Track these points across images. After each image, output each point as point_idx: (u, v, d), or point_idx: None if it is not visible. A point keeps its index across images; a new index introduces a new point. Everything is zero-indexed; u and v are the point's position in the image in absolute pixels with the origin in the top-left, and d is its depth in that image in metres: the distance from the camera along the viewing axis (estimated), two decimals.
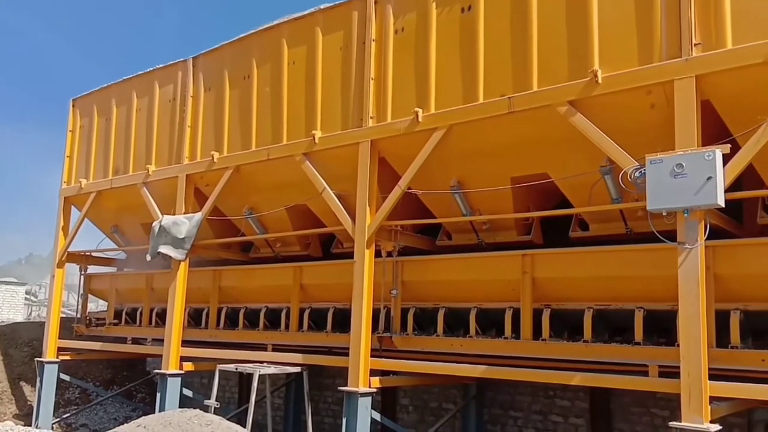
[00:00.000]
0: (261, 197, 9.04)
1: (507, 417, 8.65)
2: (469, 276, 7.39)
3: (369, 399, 7.06)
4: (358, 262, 7.23)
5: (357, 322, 7.13)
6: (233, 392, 12.15)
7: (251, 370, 8.00)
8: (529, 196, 7.11)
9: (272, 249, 9.80)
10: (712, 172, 4.88)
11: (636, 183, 5.36)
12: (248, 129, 8.66)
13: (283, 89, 8.27)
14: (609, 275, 6.38)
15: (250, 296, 9.74)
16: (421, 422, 9.44)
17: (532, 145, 6.46)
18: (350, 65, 7.59)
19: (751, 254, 5.65)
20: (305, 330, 8.89)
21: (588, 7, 5.80)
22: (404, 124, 6.96)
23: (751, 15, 5.03)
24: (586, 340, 6.47)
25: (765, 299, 5.64)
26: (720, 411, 5.23)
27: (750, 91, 5.12)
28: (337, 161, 7.66)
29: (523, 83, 6.15)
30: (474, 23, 6.54)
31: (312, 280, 8.93)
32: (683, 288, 5.06)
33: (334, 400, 10.47)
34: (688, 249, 5.05)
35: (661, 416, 7.37)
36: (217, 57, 9.33)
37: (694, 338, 4.98)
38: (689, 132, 5.10)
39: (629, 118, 5.66)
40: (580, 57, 5.81)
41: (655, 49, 5.42)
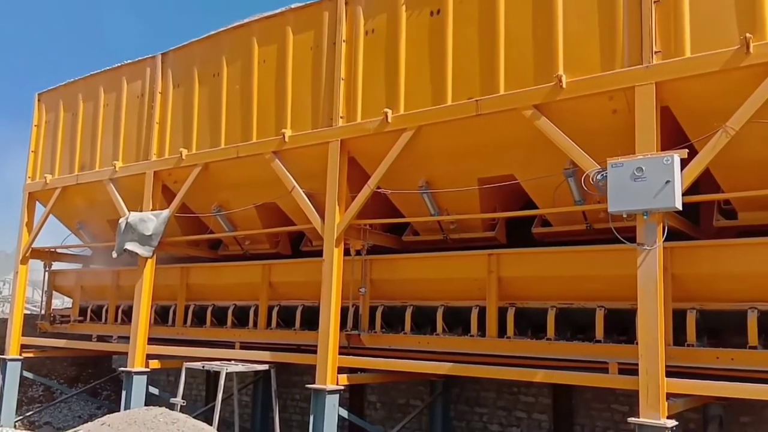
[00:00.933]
0: (230, 195, 9.02)
1: (472, 413, 8.80)
2: (437, 275, 7.50)
3: (337, 396, 7.11)
4: (327, 260, 7.28)
5: (325, 320, 7.18)
6: (200, 390, 12.09)
7: (218, 368, 7.98)
8: (496, 196, 7.23)
9: (241, 247, 9.78)
10: (671, 176, 5.04)
11: (598, 186, 5.50)
12: (217, 126, 8.63)
13: (253, 87, 8.26)
14: (571, 275, 6.54)
15: (218, 294, 9.71)
16: (388, 419, 9.53)
17: (499, 147, 6.58)
18: (321, 65, 7.62)
19: (707, 256, 5.86)
20: (274, 328, 8.91)
21: (553, 14, 5.93)
22: (374, 125, 7.03)
23: (709, 25, 5.21)
24: (549, 338, 6.63)
25: (720, 299, 5.86)
26: (676, 407, 5.40)
27: (707, 98, 5.30)
28: (306, 160, 7.69)
29: (490, 86, 6.26)
30: (443, 27, 6.64)
31: (281, 278, 8.94)
32: (642, 288, 5.21)
33: (302, 398, 10.50)
34: (647, 250, 5.20)
35: (621, 412, 7.57)
36: (186, 54, 9.26)
37: (652, 336, 5.14)
38: (649, 137, 5.26)
39: (592, 123, 5.81)
40: (545, 62, 5.95)
41: (617, 56, 5.58)
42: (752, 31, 4.98)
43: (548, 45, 5.94)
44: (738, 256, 5.71)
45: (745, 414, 6.91)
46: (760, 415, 6.85)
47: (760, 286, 5.60)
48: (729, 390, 5.34)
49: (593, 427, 7.85)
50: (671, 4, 5.34)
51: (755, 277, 5.61)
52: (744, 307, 5.71)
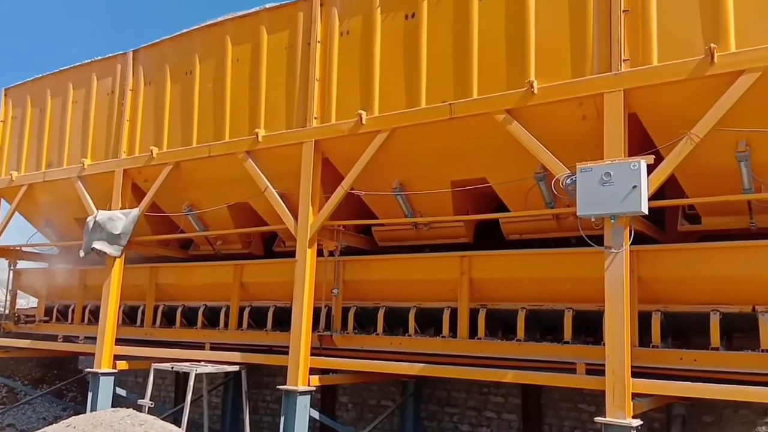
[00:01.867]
0: (201, 194, 8.95)
1: (443, 413, 8.87)
2: (410, 276, 7.55)
3: (308, 397, 7.11)
4: (300, 261, 7.27)
5: (297, 321, 7.17)
6: (169, 391, 11.95)
7: (188, 369, 7.91)
8: (469, 198, 7.32)
9: (212, 247, 9.71)
10: (637, 181, 5.15)
11: (567, 190, 5.60)
12: (189, 125, 8.56)
13: (227, 86, 8.22)
14: (541, 277, 6.66)
15: (188, 294, 9.62)
16: (360, 420, 9.55)
17: (472, 151, 6.66)
18: (295, 65, 7.61)
19: (671, 259, 6.01)
20: (245, 328, 8.87)
21: (526, 21, 6.03)
22: (348, 126, 7.05)
23: (675, 35, 5.35)
24: (519, 339, 6.74)
25: (684, 301, 6.02)
26: (641, 406, 5.51)
27: (673, 106, 5.44)
28: (280, 160, 7.67)
29: (463, 90, 6.34)
30: (417, 30, 6.70)
31: (253, 278, 8.91)
32: (609, 290, 5.31)
33: (273, 399, 10.45)
34: (614, 253, 5.32)
35: (588, 411, 7.71)
36: (158, 51, 9.16)
37: (619, 338, 5.24)
38: (617, 143, 5.38)
39: (562, 128, 5.91)
40: (517, 68, 6.04)
41: (587, 64, 5.70)
42: (716, 41, 5.13)
43: (520, 51, 6.04)
44: (701, 260, 5.88)
45: (707, 413, 7.10)
46: (721, 414, 7.04)
47: (722, 289, 5.78)
48: (692, 390, 5.48)
49: (561, 426, 7.98)
50: (639, 14, 5.48)
51: (717, 280, 5.78)
52: (707, 310, 5.89)
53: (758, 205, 5.96)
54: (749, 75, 4.99)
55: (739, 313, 5.80)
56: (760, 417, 6.86)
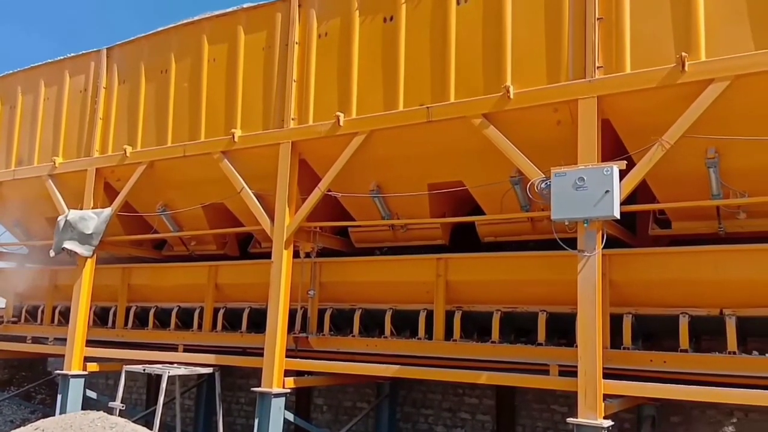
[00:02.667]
0: (176, 194, 8.87)
1: (418, 415, 8.91)
2: (386, 278, 7.57)
3: (282, 400, 7.09)
4: (275, 262, 7.25)
5: (273, 323, 7.15)
6: (141, 394, 11.80)
7: (160, 371, 7.83)
8: (445, 201, 7.37)
9: (187, 247, 9.62)
10: (610, 186, 5.24)
11: (542, 194, 5.67)
12: (164, 124, 8.48)
13: (203, 86, 8.16)
14: (516, 279, 6.73)
15: (161, 295, 9.52)
16: (335, 422, 9.54)
17: (449, 154, 6.70)
18: (273, 66, 7.59)
19: (642, 263, 6.13)
20: (219, 330, 8.80)
21: (502, 26, 6.10)
22: (325, 127, 7.05)
23: (648, 43, 5.45)
24: (493, 340, 6.80)
25: (654, 304, 6.14)
26: (612, 407, 5.60)
27: (645, 112, 5.54)
28: (256, 161, 7.64)
29: (441, 94, 6.38)
30: (395, 33, 6.73)
31: (228, 279, 8.85)
32: (582, 293, 5.39)
33: (247, 401, 10.39)
34: (587, 256, 5.39)
35: (561, 412, 7.81)
36: (133, 49, 9.06)
37: (591, 340, 5.32)
38: (590, 148, 5.47)
39: (538, 133, 5.99)
40: (494, 72, 6.10)
41: (562, 70, 5.78)
42: (688, 50, 5.24)
43: (497, 56, 6.10)
44: (671, 264, 5.99)
45: (675, 414, 7.24)
46: (690, 415, 7.20)
47: (691, 293, 5.91)
48: (661, 391, 5.58)
49: (534, 427, 8.08)
50: (613, 22, 5.57)
51: (686, 283, 5.90)
52: (676, 312, 6.00)
53: (726, 210, 6.10)
54: (718, 84, 5.10)
55: (707, 316, 5.92)
56: (727, 417, 7.02)
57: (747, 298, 5.74)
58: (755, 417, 6.90)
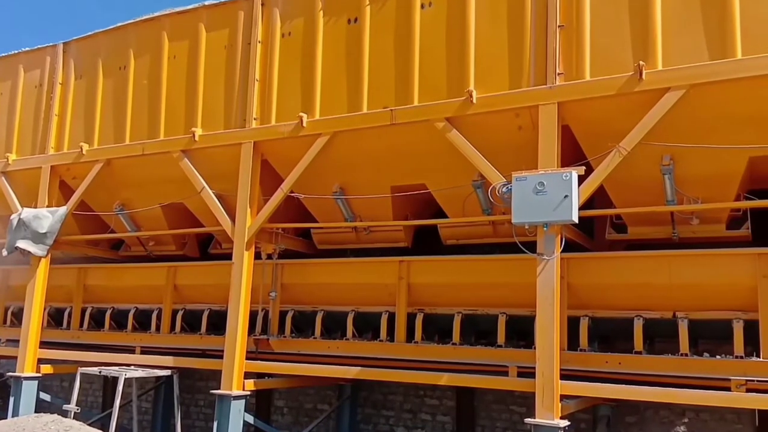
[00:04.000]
0: (134, 193, 8.69)
1: (379, 416, 8.92)
2: (349, 280, 7.56)
3: (242, 402, 7.02)
4: (236, 263, 7.17)
5: (233, 324, 7.07)
6: (97, 396, 11.55)
7: (116, 373, 7.68)
8: (408, 204, 7.39)
9: (145, 248, 9.45)
10: (569, 191, 5.33)
11: (503, 197, 5.73)
12: (122, 121, 8.32)
13: (162, 83, 8.03)
14: (477, 282, 6.79)
15: (118, 296, 9.34)
16: (295, 423, 9.49)
17: (412, 157, 6.72)
18: (235, 65, 7.51)
19: (599, 266, 6.26)
20: (178, 332, 8.67)
21: (466, 31, 6.14)
22: (288, 128, 7.00)
23: (607, 51, 5.55)
24: (454, 342, 6.85)
25: (610, 307, 6.26)
26: (569, 408, 5.69)
27: (603, 119, 5.65)
28: (217, 160, 7.54)
29: (404, 97, 6.40)
30: (360, 35, 6.71)
31: (187, 280, 8.73)
32: (540, 295, 5.46)
33: (206, 403, 10.26)
34: (545, 260, 5.47)
35: (519, 413, 7.91)
36: (90, 44, 8.85)
37: (549, 342, 5.39)
38: (550, 153, 5.55)
39: (499, 137, 6.04)
40: (457, 77, 6.14)
41: (524, 76, 5.84)
42: (645, 59, 5.35)
43: (461, 61, 6.14)
44: (626, 268, 6.13)
45: (630, 414, 7.40)
46: (644, 415, 7.36)
47: (646, 296, 6.04)
48: (616, 392, 5.69)
49: (493, 428, 8.16)
50: (574, 30, 5.66)
51: (641, 287, 6.04)
52: (631, 315, 6.14)
53: (680, 216, 6.26)
54: (674, 92, 5.22)
55: (660, 318, 6.07)
56: (679, 417, 7.21)
57: (698, 302, 5.90)
58: (705, 417, 7.10)
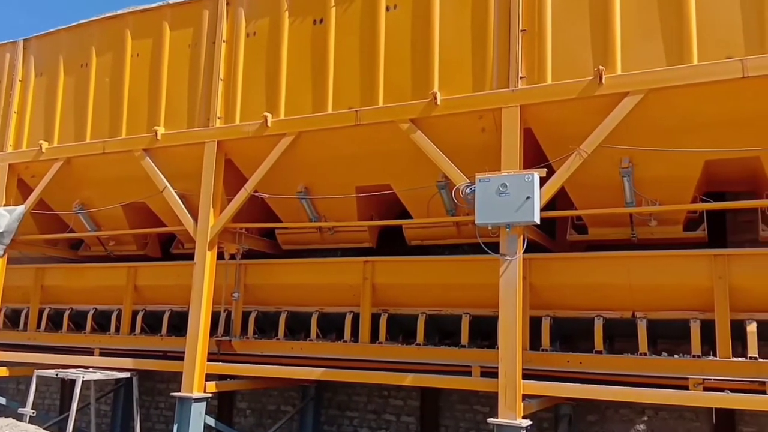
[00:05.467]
0: (94, 192, 8.53)
1: (343, 417, 8.90)
2: (313, 280, 7.53)
3: (203, 404, 6.93)
4: (198, 263, 7.09)
5: (194, 326, 6.98)
6: (54, 399, 11.28)
7: (74, 376, 7.52)
8: (373, 204, 7.40)
9: (105, 247, 9.28)
10: (531, 193, 5.39)
11: (467, 198, 5.78)
12: (83, 120, 8.16)
13: (125, 81, 7.91)
14: (441, 283, 6.83)
15: (77, 297, 9.14)
16: (258, 425, 9.41)
17: (377, 157, 6.73)
18: (199, 63, 7.43)
19: (560, 267, 6.34)
20: (138, 333, 8.53)
21: (430, 34, 6.17)
22: (253, 128, 6.95)
23: (568, 55, 5.64)
24: (418, 343, 6.86)
25: (571, 307, 6.35)
26: (531, 407, 5.74)
27: (564, 122, 5.73)
28: (180, 159, 7.45)
29: (369, 98, 6.40)
30: (325, 36, 6.70)
31: (148, 281, 8.59)
32: (503, 296, 5.50)
33: (166, 406, 10.11)
34: (508, 260, 5.53)
35: (483, 412, 7.98)
36: (52, 41, 8.67)
37: (511, 342, 5.43)
38: (513, 155, 5.62)
39: (463, 139, 6.09)
40: (422, 79, 6.17)
41: (487, 78, 5.90)
42: (605, 63, 5.46)
43: (425, 63, 6.18)
44: (586, 269, 6.23)
45: (591, 413, 7.53)
46: (604, 414, 7.50)
47: (606, 296, 6.15)
48: (578, 391, 5.76)
49: (457, 427, 8.22)
50: (536, 34, 5.74)
51: (601, 287, 6.14)
52: (591, 315, 6.23)
53: (639, 217, 6.40)
54: (633, 96, 5.33)
55: (620, 318, 6.18)
56: (639, 416, 7.36)
57: (657, 302, 6.02)
58: (665, 415, 7.27)
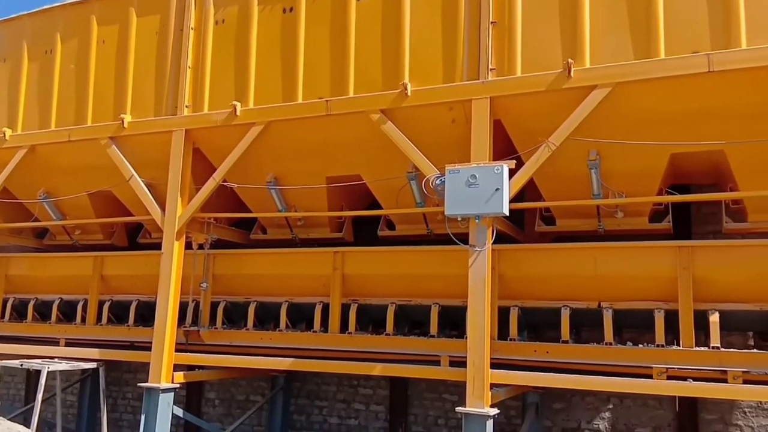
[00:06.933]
0: (60, 181, 8.35)
1: (313, 406, 8.92)
2: (282, 271, 7.49)
3: (171, 395, 6.88)
4: (166, 253, 7.00)
5: (162, 316, 6.91)
6: (19, 390, 11.09)
7: (39, 366, 7.41)
8: (343, 195, 7.38)
9: (70, 237, 9.12)
10: (500, 184, 5.43)
11: (437, 190, 5.80)
12: (48, 107, 7.98)
13: (90, 68, 7.75)
14: (410, 273, 6.85)
15: (42, 287, 8.98)
16: (227, 415, 9.38)
17: (347, 148, 6.71)
18: (166, 51, 7.31)
19: (528, 258, 6.41)
20: (104, 323, 8.41)
21: (401, 25, 6.15)
22: (221, 116, 6.87)
23: (538, 48, 5.67)
24: (388, 333, 6.89)
25: (538, 297, 6.42)
26: (499, 396, 5.81)
27: (533, 115, 5.78)
28: (147, 148, 7.34)
29: (340, 88, 6.36)
30: (295, 25, 6.64)
31: (115, 270, 8.46)
32: (472, 286, 5.54)
33: (134, 396, 10.01)
34: (477, 251, 5.57)
35: (451, 401, 8.07)
36: (15, 27, 8.44)
37: (480, 331, 5.48)
38: (482, 147, 5.65)
39: (433, 130, 6.10)
40: (393, 69, 6.15)
41: (457, 70, 5.91)
42: (574, 57, 5.50)
43: (396, 54, 6.15)
44: (554, 259, 6.30)
45: (557, 401, 7.67)
46: (570, 402, 7.64)
47: (572, 286, 6.23)
48: (544, 380, 5.87)
49: (426, 416, 8.29)
50: (506, 27, 5.75)
51: (568, 278, 6.22)
52: (558, 305, 6.31)
53: (605, 209, 6.48)
54: (601, 90, 5.38)
55: (586, 308, 6.26)
56: (604, 404, 7.52)
57: (622, 292, 6.11)
58: (629, 403, 7.43)
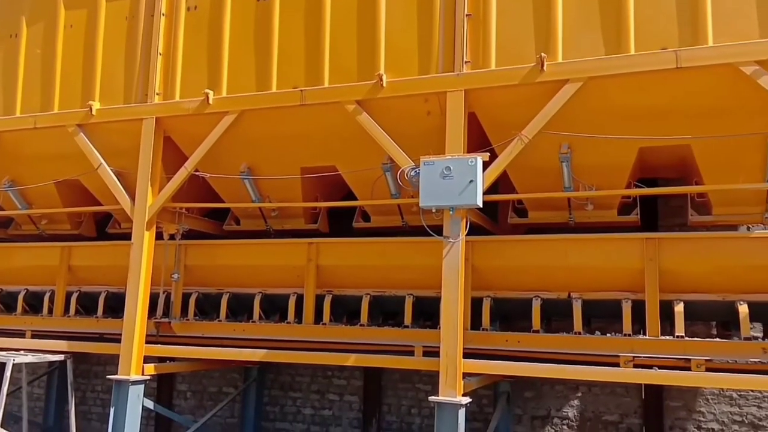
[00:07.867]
0: (25, 169, 8.14)
1: (286, 398, 8.91)
2: (256, 261, 7.44)
3: (141, 387, 6.80)
4: (136, 244, 6.90)
5: (131, 307, 6.81)
6: None
7: (4, 359, 7.26)
8: (318, 186, 7.36)
9: (37, 226, 8.90)
10: (474, 176, 5.47)
11: (411, 181, 5.82)
12: (12, 93, 7.74)
13: (57, 53, 7.53)
14: (385, 264, 6.87)
15: (7, 277, 8.75)
16: (199, 407, 9.31)
17: (322, 138, 6.67)
18: (136, 37, 7.15)
19: (501, 249, 6.48)
20: (72, 315, 8.26)
21: (376, 15, 6.12)
22: (193, 105, 6.77)
23: (512, 42, 5.70)
24: (362, 323, 6.90)
25: (510, 288, 6.50)
26: (471, 385, 5.90)
27: (507, 108, 5.83)
28: (116, 136, 7.20)
29: (315, 78, 6.31)
30: (269, 13, 6.55)
31: (83, 261, 8.30)
32: (446, 277, 5.59)
33: (103, 389, 9.87)
34: (451, 243, 5.61)
35: (425, 391, 8.15)
36: None
37: (453, 322, 5.54)
38: (457, 139, 5.67)
39: (409, 122, 6.10)
40: (368, 60, 6.11)
41: (432, 62, 5.91)
42: (547, 51, 5.54)
43: (371, 44, 6.13)
44: (526, 251, 6.37)
45: (528, 390, 7.81)
46: (540, 390, 7.79)
47: (543, 277, 6.33)
48: (516, 369, 5.98)
49: (399, 406, 8.36)
50: (481, 19, 5.77)
51: (539, 269, 6.31)
52: (529, 296, 6.41)
53: (576, 202, 6.58)
54: (573, 84, 5.45)
55: (557, 299, 6.37)
56: (573, 392, 7.68)
57: (592, 283, 6.23)
58: (597, 391, 7.61)
